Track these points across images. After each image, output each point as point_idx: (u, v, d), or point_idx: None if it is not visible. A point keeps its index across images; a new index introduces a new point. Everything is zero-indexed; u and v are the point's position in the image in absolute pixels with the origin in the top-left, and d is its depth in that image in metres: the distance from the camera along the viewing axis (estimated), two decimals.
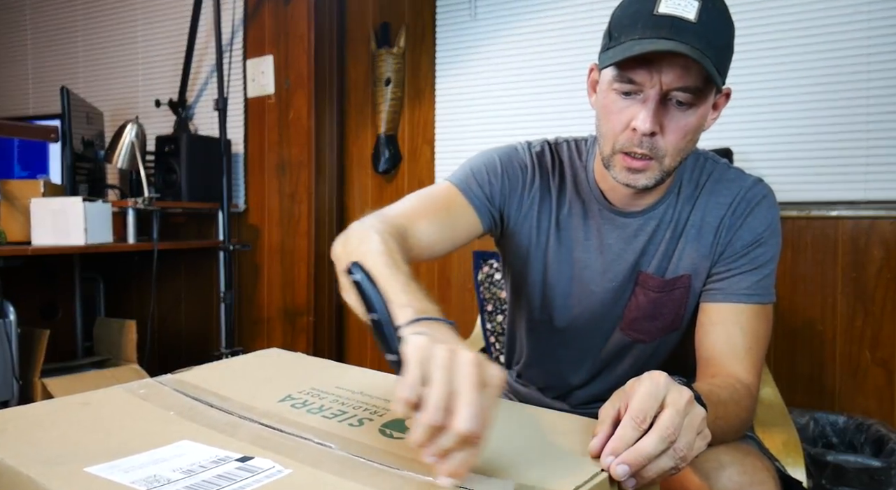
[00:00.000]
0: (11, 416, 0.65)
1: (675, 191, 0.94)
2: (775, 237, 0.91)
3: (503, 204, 0.99)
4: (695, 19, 0.76)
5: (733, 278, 0.90)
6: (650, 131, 0.80)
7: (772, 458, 0.90)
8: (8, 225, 1.98)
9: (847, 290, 1.78)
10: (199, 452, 0.56)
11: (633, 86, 0.81)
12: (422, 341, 0.51)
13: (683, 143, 0.83)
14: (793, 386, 1.83)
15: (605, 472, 0.53)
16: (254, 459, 0.54)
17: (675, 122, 0.81)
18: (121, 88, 2.82)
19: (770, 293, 0.90)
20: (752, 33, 1.85)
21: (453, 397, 0.47)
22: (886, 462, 1.42)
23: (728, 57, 0.82)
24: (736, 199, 0.91)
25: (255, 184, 2.52)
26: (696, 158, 0.96)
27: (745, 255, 0.90)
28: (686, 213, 0.93)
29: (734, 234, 0.90)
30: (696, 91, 0.79)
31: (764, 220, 0.90)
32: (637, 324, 0.95)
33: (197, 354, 2.59)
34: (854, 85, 1.75)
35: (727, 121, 1.88)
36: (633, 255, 0.94)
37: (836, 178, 1.78)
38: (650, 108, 0.80)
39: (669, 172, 0.86)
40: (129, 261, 2.71)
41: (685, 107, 0.81)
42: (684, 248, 0.93)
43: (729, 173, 0.94)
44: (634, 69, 0.79)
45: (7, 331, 1.87)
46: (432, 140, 2.34)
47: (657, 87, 0.79)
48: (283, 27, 2.43)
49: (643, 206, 0.93)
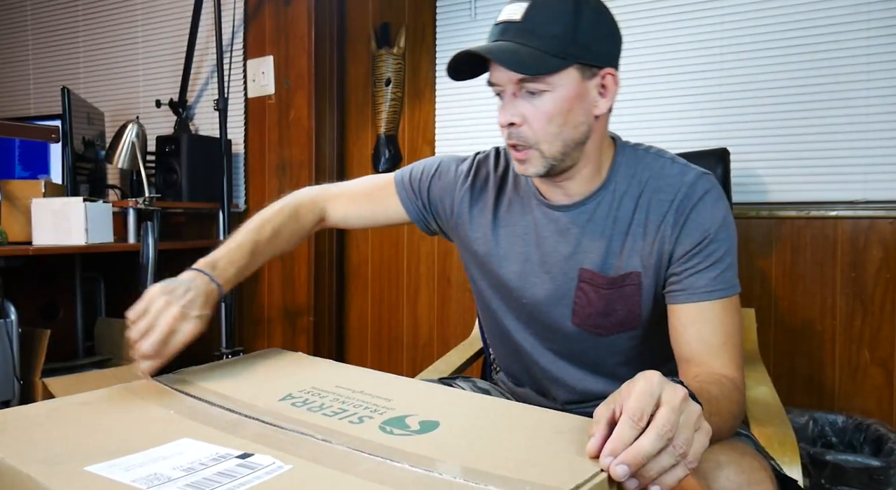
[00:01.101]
0: (12, 416, 0.65)
1: (611, 188, 0.95)
2: (726, 230, 0.90)
3: (435, 202, 1.09)
4: (521, 19, 0.85)
5: (692, 278, 0.89)
6: (507, 122, 0.89)
7: (768, 457, 0.90)
8: (9, 225, 1.99)
9: (846, 289, 1.78)
10: (199, 450, 0.56)
11: (494, 87, 0.91)
12: (157, 286, 0.86)
13: (554, 128, 0.87)
14: (792, 386, 1.83)
15: (604, 473, 0.53)
16: (254, 456, 0.55)
17: (534, 110, 0.87)
18: (121, 89, 2.83)
19: (733, 285, 0.90)
20: (752, 33, 1.85)
21: (150, 329, 0.81)
22: (885, 462, 1.42)
23: (568, 40, 0.85)
24: (678, 195, 0.91)
25: (256, 184, 2.52)
26: (634, 153, 0.98)
27: (698, 254, 0.89)
28: (630, 211, 0.93)
29: (680, 232, 0.90)
30: (535, 79, 0.85)
31: (710, 216, 0.90)
32: (591, 319, 0.96)
33: (197, 354, 2.58)
34: (853, 85, 1.75)
35: (725, 121, 1.88)
36: (567, 248, 0.96)
37: (836, 179, 1.78)
38: (506, 102, 0.89)
39: (557, 158, 0.89)
40: (129, 261, 2.71)
41: (538, 95, 0.86)
42: (632, 247, 0.93)
43: (672, 169, 0.94)
44: (491, 73, 0.90)
45: (8, 331, 1.88)
46: (432, 140, 2.34)
47: (508, 83, 0.88)
48: (284, 27, 2.43)
49: (572, 200, 0.96)
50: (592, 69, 0.89)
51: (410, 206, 1.10)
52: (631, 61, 1.99)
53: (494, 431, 0.62)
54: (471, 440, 0.60)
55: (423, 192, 1.09)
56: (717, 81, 1.90)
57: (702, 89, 1.92)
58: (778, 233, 1.85)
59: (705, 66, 1.91)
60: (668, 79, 1.96)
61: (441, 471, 0.52)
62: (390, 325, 2.45)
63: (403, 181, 1.11)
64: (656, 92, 1.97)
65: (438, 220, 1.10)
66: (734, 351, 0.87)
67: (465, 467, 0.53)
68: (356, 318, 2.51)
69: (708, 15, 1.91)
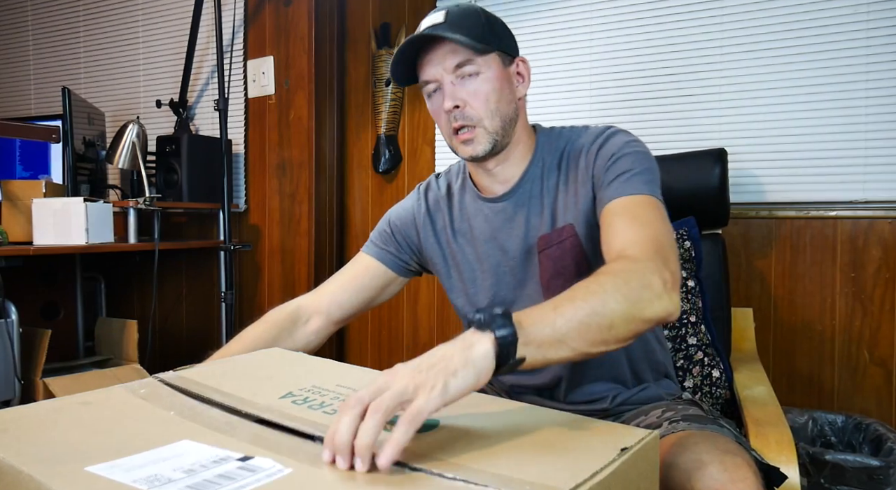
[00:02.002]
0: (12, 416, 0.65)
1: (538, 163, 1.06)
2: (636, 152, 0.97)
3: (401, 241, 1.18)
4: (444, 20, 0.98)
5: (604, 190, 0.96)
6: (453, 105, 0.99)
7: (749, 449, 0.91)
8: (9, 225, 1.99)
9: (846, 289, 1.78)
10: (199, 452, 0.56)
11: (432, 84, 1.02)
12: None
13: (491, 105, 1.00)
14: (792, 385, 1.83)
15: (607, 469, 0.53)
16: (254, 459, 0.55)
17: (472, 92, 1.00)
18: (122, 89, 2.83)
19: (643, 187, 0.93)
20: (752, 33, 1.85)
21: None
22: (885, 461, 1.43)
23: (488, 31, 1.00)
24: (590, 139, 1.02)
25: (256, 184, 2.53)
26: (552, 131, 1.10)
27: (608, 170, 0.97)
28: (555, 177, 1.04)
29: (594, 162, 0.99)
30: (471, 61, 0.99)
31: (617, 142, 0.99)
32: (553, 285, 1.02)
33: (198, 354, 2.59)
34: (853, 85, 1.75)
35: (724, 120, 1.89)
36: (519, 230, 1.05)
37: (835, 179, 1.78)
38: (447, 89, 1.00)
39: (498, 133, 1.01)
40: (130, 261, 2.72)
41: (472, 78, 1.00)
42: (564, 204, 1.02)
43: (583, 130, 1.07)
44: (425, 71, 1.02)
45: (9, 330, 1.88)
46: (432, 140, 2.34)
47: (444, 73, 1.00)
48: (284, 28, 2.43)
49: (509, 186, 1.06)
50: (509, 57, 1.04)
51: (385, 257, 1.18)
52: (631, 61, 1.99)
53: (494, 431, 0.63)
54: (470, 440, 0.60)
55: (389, 239, 1.18)
56: (717, 81, 1.90)
57: (701, 89, 1.92)
58: (777, 233, 1.85)
59: (705, 66, 1.91)
60: (668, 79, 1.96)
61: (441, 471, 0.53)
62: (390, 325, 2.45)
63: (368, 245, 1.20)
64: (656, 92, 1.97)
65: (414, 255, 1.18)
66: (633, 234, 0.86)
67: (465, 467, 0.54)
68: (356, 318, 2.51)
69: (708, 15, 1.91)
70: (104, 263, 2.67)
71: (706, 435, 0.84)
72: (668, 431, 0.88)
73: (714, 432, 0.86)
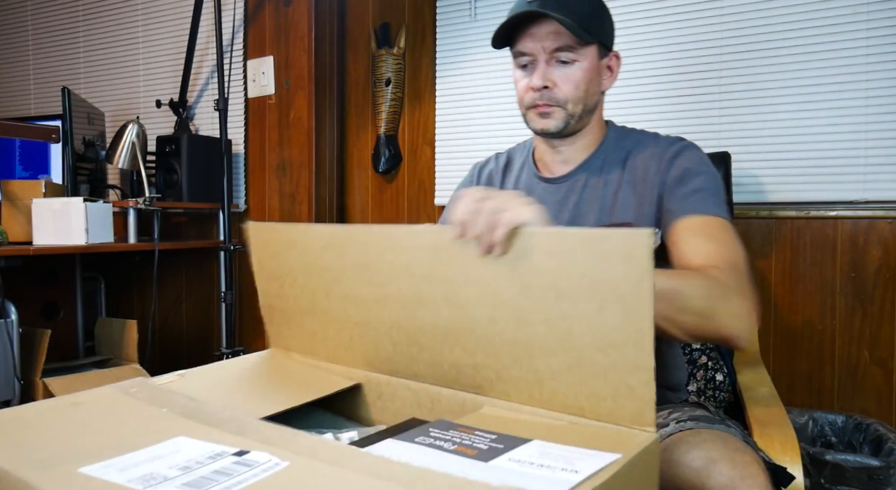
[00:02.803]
0: (4, 418, 0.65)
1: (601, 156, 1.09)
2: (710, 173, 1.01)
3: None
4: None
5: (678, 203, 0.98)
6: (542, 85, 1.02)
7: (757, 449, 0.91)
8: (9, 225, 1.99)
9: (846, 289, 1.78)
10: (194, 448, 0.56)
11: (525, 57, 1.04)
12: None
13: (579, 92, 1.03)
14: (792, 385, 1.83)
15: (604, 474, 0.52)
16: (250, 453, 0.54)
17: (564, 76, 1.03)
18: (122, 89, 2.83)
19: (726, 212, 0.97)
20: (752, 33, 1.85)
21: None
22: (885, 461, 1.42)
23: (595, 20, 1.03)
24: (660, 150, 1.04)
25: (256, 184, 2.53)
26: (623, 129, 1.13)
27: (682, 183, 0.99)
28: (618, 174, 1.06)
29: (667, 170, 1.01)
30: (572, 49, 1.01)
31: (693, 157, 1.02)
32: None
33: (198, 354, 2.60)
34: (853, 85, 1.75)
35: (724, 120, 1.88)
36: (566, 215, 1.07)
37: (835, 179, 1.78)
38: (540, 68, 1.03)
39: (575, 117, 1.05)
40: (129, 261, 2.71)
41: (568, 64, 1.03)
42: (624, 203, 1.04)
43: (653, 136, 1.10)
44: (524, 42, 1.03)
45: (8, 331, 1.88)
46: (432, 140, 2.34)
47: (542, 51, 1.02)
48: (284, 28, 2.43)
49: (569, 168, 1.10)
50: (606, 49, 1.06)
51: None
52: (631, 61, 1.99)
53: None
54: None
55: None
56: (717, 81, 1.90)
57: (702, 89, 1.92)
58: (777, 233, 1.85)
59: (705, 66, 1.91)
60: (668, 79, 1.96)
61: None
62: None
63: None
64: (656, 92, 1.97)
65: None
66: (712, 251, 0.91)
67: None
68: None
69: (708, 15, 1.91)
70: (104, 263, 2.67)
71: (716, 433, 0.84)
72: (675, 430, 0.88)
73: (723, 431, 0.86)
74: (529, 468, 0.53)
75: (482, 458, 0.55)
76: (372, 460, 0.53)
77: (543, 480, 0.51)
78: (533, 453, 0.57)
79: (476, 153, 2.24)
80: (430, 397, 0.74)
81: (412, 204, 2.39)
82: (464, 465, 0.54)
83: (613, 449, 0.57)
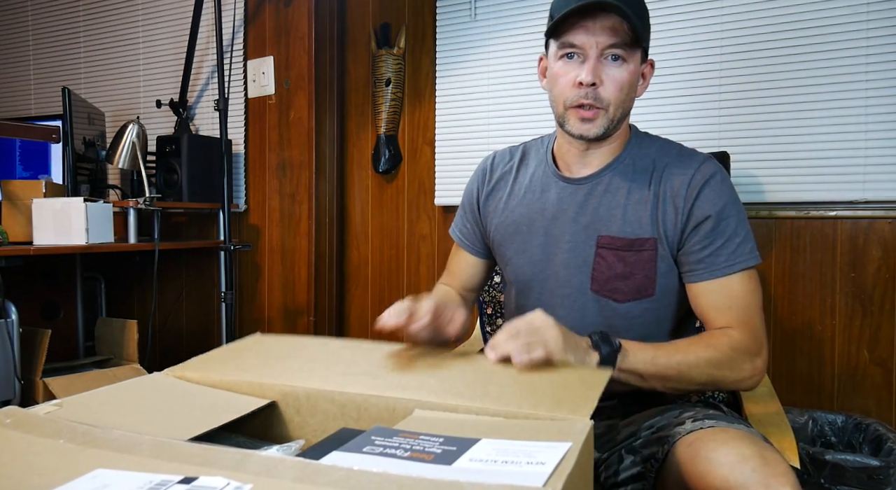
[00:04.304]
0: None
1: (624, 161, 1.07)
2: (735, 206, 1.01)
3: (470, 218, 1.22)
4: None
5: (710, 257, 0.99)
6: (592, 81, 0.98)
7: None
8: (9, 225, 1.99)
9: (846, 289, 1.78)
10: (123, 480, 0.46)
11: (574, 49, 0.99)
12: None
13: (622, 95, 1.00)
14: (792, 385, 1.83)
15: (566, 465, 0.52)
16: (198, 479, 0.47)
17: (612, 75, 0.99)
18: (122, 89, 2.83)
19: (751, 257, 1.00)
20: (752, 33, 1.85)
21: None
22: (885, 461, 1.42)
23: (646, 22, 1.01)
24: (690, 172, 1.02)
25: (256, 184, 2.53)
26: (646, 136, 1.11)
27: (713, 230, 0.99)
28: (644, 183, 1.04)
29: (693, 204, 1.01)
30: (625, 47, 0.98)
31: (720, 195, 1.01)
32: (610, 283, 1.04)
33: (198, 353, 2.59)
34: (853, 85, 1.75)
35: (725, 120, 1.88)
36: (585, 218, 1.06)
37: (835, 179, 1.78)
38: (591, 63, 0.98)
39: (614, 122, 1.01)
40: (130, 261, 2.71)
41: (619, 62, 0.99)
42: (648, 215, 1.02)
43: (681, 150, 1.08)
44: (575, 34, 0.98)
45: (9, 330, 1.88)
46: (432, 140, 2.34)
47: (594, 47, 0.97)
48: (284, 28, 2.43)
49: (591, 171, 1.08)
50: (645, 56, 1.04)
51: (474, 248, 1.24)
52: None
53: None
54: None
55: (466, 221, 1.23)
56: (717, 81, 1.90)
57: (701, 89, 1.92)
58: (777, 233, 1.85)
59: (705, 66, 1.91)
60: (668, 79, 1.96)
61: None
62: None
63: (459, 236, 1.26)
64: (656, 92, 1.97)
65: (483, 231, 1.21)
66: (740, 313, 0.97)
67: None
68: (356, 318, 2.52)
69: (708, 15, 1.91)
70: (104, 263, 2.67)
71: (741, 432, 0.84)
72: (695, 428, 0.88)
73: (745, 430, 0.86)
74: (494, 466, 0.51)
75: (443, 462, 0.52)
76: (344, 473, 0.47)
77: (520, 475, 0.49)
78: (489, 451, 0.54)
79: (476, 153, 2.24)
80: (357, 406, 0.70)
81: (412, 204, 2.39)
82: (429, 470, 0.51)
83: (561, 438, 0.56)
